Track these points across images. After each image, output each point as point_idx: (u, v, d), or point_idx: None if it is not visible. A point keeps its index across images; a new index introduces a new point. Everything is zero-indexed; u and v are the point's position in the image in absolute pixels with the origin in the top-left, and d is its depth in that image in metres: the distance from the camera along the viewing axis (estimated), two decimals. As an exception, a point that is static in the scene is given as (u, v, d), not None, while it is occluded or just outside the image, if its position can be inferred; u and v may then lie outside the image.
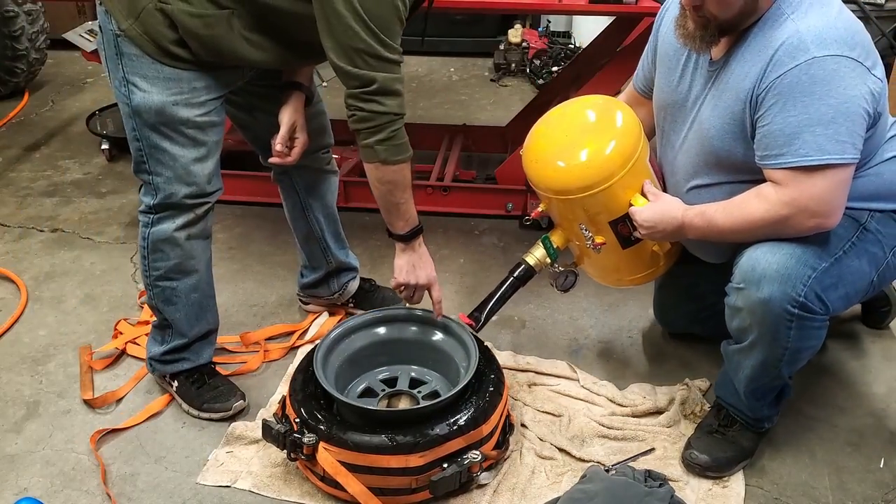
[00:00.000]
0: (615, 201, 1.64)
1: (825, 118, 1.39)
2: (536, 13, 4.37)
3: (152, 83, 1.59)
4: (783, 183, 1.45)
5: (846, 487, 1.70)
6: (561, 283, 1.82)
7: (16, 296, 2.33)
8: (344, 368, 1.79)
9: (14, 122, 3.52)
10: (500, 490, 1.66)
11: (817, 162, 1.40)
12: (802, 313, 1.50)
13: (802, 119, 1.40)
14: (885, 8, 3.66)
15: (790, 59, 1.41)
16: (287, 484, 1.68)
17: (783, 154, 1.43)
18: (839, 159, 1.41)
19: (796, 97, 1.40)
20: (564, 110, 1.75)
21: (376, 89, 1.53)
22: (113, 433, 1.83)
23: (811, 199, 1.43)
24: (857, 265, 1.57)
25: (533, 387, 1.96)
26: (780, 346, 1.56)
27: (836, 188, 1.44)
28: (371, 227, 2.68)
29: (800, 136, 1.41)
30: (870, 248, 1.59)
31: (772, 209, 1.47)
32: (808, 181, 1.42)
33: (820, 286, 1.51)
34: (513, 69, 4.07)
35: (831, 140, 1.40)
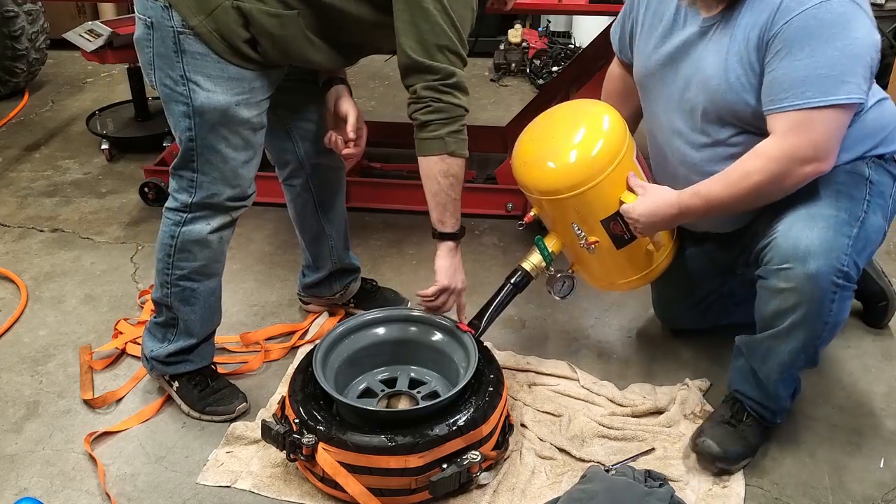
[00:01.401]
0: (605, 199, 1.65)
1: (832, 60, 1.39)
2: (536, 13, 4.37)
3: (216, 82, 1.58)
4: (783, 131, 1.45)
5: (846, 487, 1.70)
6: (558, 289, 1.82)
7: (16, 296, 2.33)
8: (343, 369, 1.79)
9: (14, 122, 3.52)
10: (500, 490, 1.66)
11: (822, 103, 1.41)
12: (846, 283, 1.52)
13: (809, 63, 1.40)
14: (885, 8, 3.66)
15: (798, 4, 1.41)
16: (287, 484, 1.68)
17: (787, 97, 1.43)
18: (844, 99, 1.41)
19: (804, 41, 1.41)
20: (551, 115, 1.77)
21: (455, 83, 1.59)
22: (113, 433, 1.83)
23: (810, 144, 1.44)
24: (875, 222, 1.58)
25: (533, 387, 1.96)
26: (822, 322, 1.56)
27: (835, 130, 1.44)
28: (371, 228, 2.69)
29: (805, 79, 1.41)
30: (879, 200, 1.60)
31: (770, 165, 1.46)
32: (809, 125, 1.43)
33: (856, 252, 1.53)
34: (513, 69, 4.07)
35: (836, 81, 1.40)
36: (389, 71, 4.12)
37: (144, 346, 1.89)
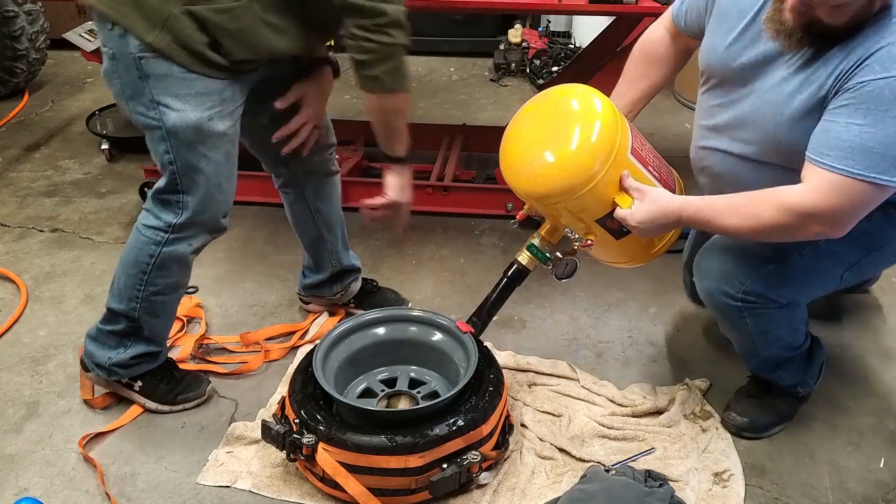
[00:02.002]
0: (599, 200, 1.56)
1: (890, 139, 1.32)
2: (536, 13, 4.36)
3: (185, 100, 1.56)
4: (813, 186, 1.37)
5: (846, 487, 1.70)
6: (561, 272, 1.74)
7: (16, 296, 2.33)
8: (343, 369, 1.79)
9: (14, 122, 3.52)
10: (500, 490, 1.66)
11: (861, 177, 1.33)
12: (746, 305, 1.55)
13: (867, 132, 1.32)
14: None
15: (882, 68, 1.32)
16: (287, 484, 1.68)
17: (831, 156, 1.35)
18: (886, 182, 1.33)
19: (870, 108, 1.32)
20: (535, 111, 1.64)
21: (388, 22, 1.53)
22: (112, 433, 1.83)
23: (833, 210, 1.37)
24: (815, 266, 1.57)
25: (533, 387, 1.96)
26: (744, 332, 1.62)
27: (863, 207, 1.38)
28: (371, 228, 2.68)
29: (855, 147, 1.33)
30: (838, 248, 1.54)
31: (785, 218, 1.40)
32: (839, 192, 1.35)
33: (764, 285, 1.54)
34: (513, 69, 4.07)
35: (885, 162, 1.32)
36: (389, 71, 4.12)
37: (95, 356, 1.83)
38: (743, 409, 1.82)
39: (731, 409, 1.83)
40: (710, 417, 1.87)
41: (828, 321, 2.21)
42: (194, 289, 2.35)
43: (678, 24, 1.73)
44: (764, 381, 1.83)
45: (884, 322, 2.23)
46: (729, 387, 1.93)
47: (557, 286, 2.34)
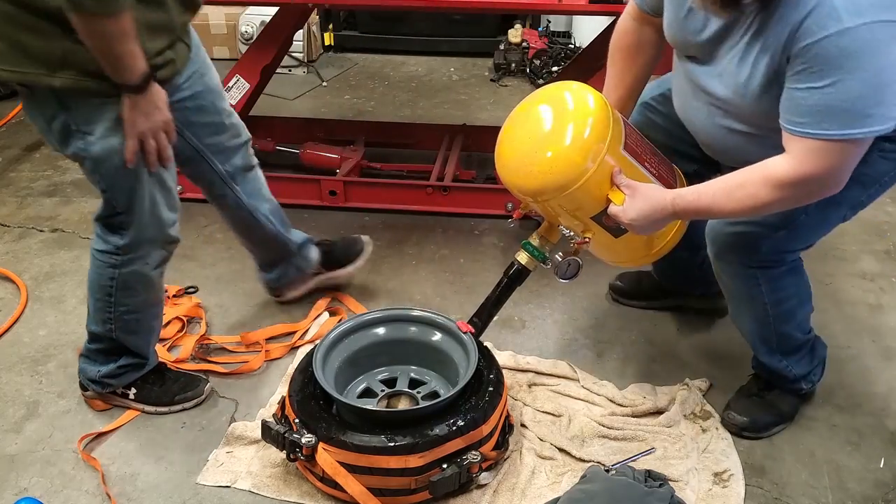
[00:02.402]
0: (593, 197, 1.55)
1: (854, 93, 1.30)
2: (536, 13, 4.36)
3: (104, 126, 1.54)
4: (799, 156, 1.37)
5: (846, 487, 1.70)
6: (563, 272, 1.71)
7: (16, 296, 2.33)
8: (343, 369, 1.79)
9: (14, 122, 3.52)
10: (500, 490, 1.66)
11: (840, 137, 1.32)
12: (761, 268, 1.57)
13: (829, 93, 1.30)
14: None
15: (819, 28, 1.29)
16: (287, 484, 1.67)
17: (805, 123, 1.34)
18: (866, 133, 1.33)
19: (822, 69, 1.31)
20: (529, 109, 1.64)
21: None
22: (112, 433, 1.83)
23: (826, 173, 1.37)
24: (820, 216, 1.57)
25: (533, 387, 1.96)
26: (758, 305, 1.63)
27: (853, 160, 1.37)
28: (371, 228, 2.68)
29: (825, 110, 1.32)
30: (842, 192, 1.51)
31: (783, 193, 1.39)
32: (827, 156, 1.35)
33: (778, 247, 1.56)
34: (513, 69, 4.07)
35: (859, 116, 1.31)
36: (389, 71, 4.13)
37: (87, 372, 1.85)
38: (743, 409, 1.82)
39: (731, 409, 1.84)
40: (710, 417, 1.87)
41: (827, 321, 2.21)
42: (194, 289, 2.35)
43: (640, 6, 1.72)
44: (766, 380, 1.84)
45: (884, 322, 2.23)
46: (729, 387, 1.93)
47: (557, 286, 2.34)
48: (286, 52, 3.23)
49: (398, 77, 4.04)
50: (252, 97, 2.79)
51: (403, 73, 4.09)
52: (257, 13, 3.96)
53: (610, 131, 1.52)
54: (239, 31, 4.06)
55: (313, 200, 2.77)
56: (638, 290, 2.27)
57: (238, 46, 4.08)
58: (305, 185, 2.77)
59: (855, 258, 2.51)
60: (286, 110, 3.62)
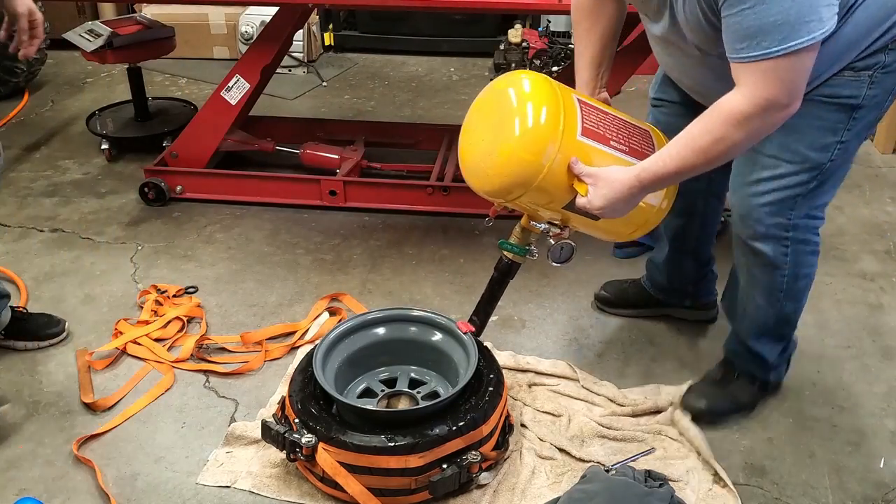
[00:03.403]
0: (559, 188, 1.48)
1: (784, 4, 1.26)
2: (536, 13, 4.36)
3: None
4: (749, 83, 1.34)
5: (846, 487, 1.70)
6: (556, 256, 1.66)
7: (16, 296, 2.33)
8: (343, 369, 1.79)
9: (14, 122, 3.52)
10: (500, 490, 1.66)
11: (782, 51, 1.28)
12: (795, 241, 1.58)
13: (759, 11, 1.27)
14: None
15: None
16: (286, 484, 1.67)
17: (745, 48, 1.31)
18: (807, 41, 1.28)
19: None
20: (480, 107, 1.58)
21: None
22: (112, 433, 1.83)
23: (779, 92, 1.32)
24: (849, 151, 1.57)
25: (533, 387, 1.96)
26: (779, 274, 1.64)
27: (802, 72, 1.33)
28: (371, 228, 2.68)
29: (760, 29, 1.28)
30: (869, 116, 1.53)
31: (744, 126, 1.35)
32: (773, 74, 1.31)
33: (811, 200, 1.57)
34: (513, 69, 4.06)
35: (794, 26, 1.27)
36: (389, 71, 4.12)
37: None
38: (704, 394, 1.85)
39: (692, 392, 1.86)
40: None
41: (827, 321, 2.21)
42: (194, 289, 2.36)
43: None
44: (735, 367, 1.87)
45: (884, 322, 2.23)
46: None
47: (558, 286, 2.34)
48: (286, 52, 3.23)
49: (398, 77, 4.04)
50: (252, 97, 2.79)
51: (403, 73, 4.09)
52: (257, 13, 3.96)
53: (561, 120, 1.44)
54: (239, 31, 4.06)
55: (313, 200, 2.77)
56: (624, 299, 2.25)
57: (238, 46, 4.08)
58: (305, 185, 2.77)
59: (855, 258, 2.51)
60: (286, 110, 3.62)
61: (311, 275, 2.43)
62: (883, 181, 2.97)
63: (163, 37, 3.12)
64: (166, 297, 2.28)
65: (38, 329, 2.11)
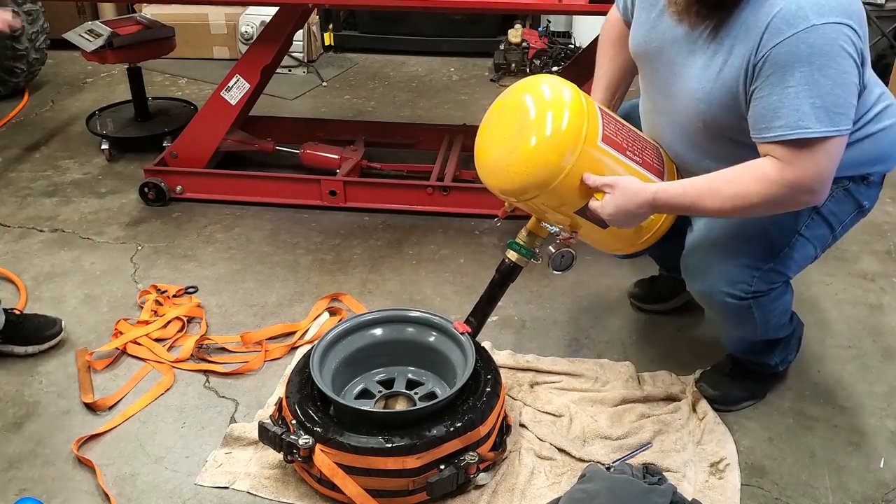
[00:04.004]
0: (574, 192, 1.51)
1: (824, 89, 1.33)
2: (536, 13, 4.36)
3: None
4: (784, 159, 1.38)
5: (846, 487, 1.70)
6: (557, 264, 1.69)
7: (16, 296, 2.33)
8: (341, 370, 1.79)
9: (14, 122, 3.52)
10: (499, 491, 1.66)
11: (821, 134, 1.34)
12: (755, 299, 1.60)
13: (801, 90, 1.33)
14: (885, 8, 3.66)
15: (788, 26, 1.33)
16: (284, 485, 1.67)
17: (782, 126, 1.36)
18: (838, 131, 1.35)
19: (794, 66, 1.33)
20: (502, 107, 1.61)
21: None
22: (112, 433, 1.83)
23: (813, 176, 1.38)
24: (801, 253, 1.61)
25: (535, 386, 1.96)
26: (749, 326, 1.67)
27: (833, 162, 1.38)
28: (371, 228, 2.68)
29: (799, 107, 1.34)
30: (817, 231, 1.59)
31: (772, 190, 1.39)
32: (809, 156, 1.36)
33: (765, 281, 1.59)
34: (513, 69, 4.06)
35: (830, 112, 1.34)
36: (389, 71, 4.12)
37: None
38: (715, 383, 1.88)
39: (703, 381, 1.89)
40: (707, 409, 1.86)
41: (827, 321, 2.21)
42: (194, 289, 2.36)
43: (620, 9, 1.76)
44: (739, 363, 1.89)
45: (884, 322, 2.23)
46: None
47: (558, 286, 2.34)
48: (286, 52, 3.23)
49: (398, 77, 4.04)
50: (252, 97, 2.79)
51: (403, 73, 4.09)
52: (257, 13, 3.96)
53: (585, 124, 1.47)
54: (239, 31, 4.07)
55: (313, 200, 2.77)
56: (656, 293, 2.24)
57: (238, 46, 4.08)
58: (305, 185, 2.77)
59: (855, 258, 2.51)
60: (286, 110, 3.62)
61: (311, 275, 2.43)
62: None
63: (163, 37, 3.13)
64: (166, 297, 2.29)
65: (36, 331, 2.08)
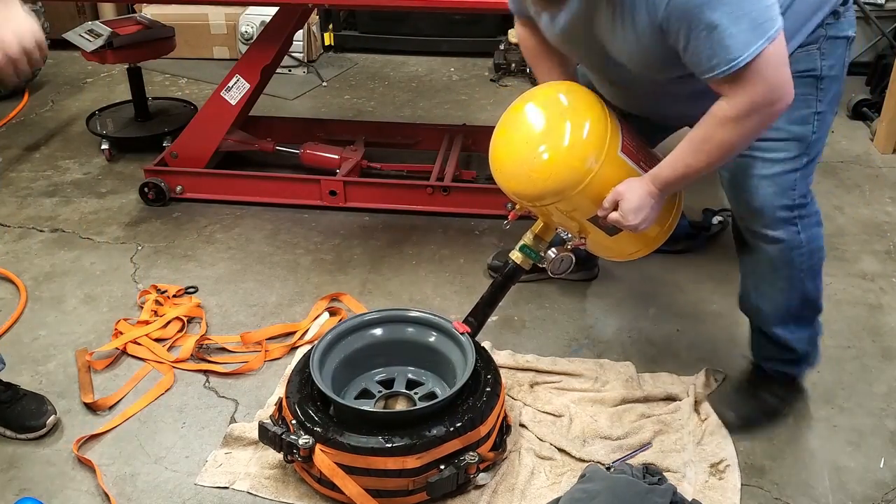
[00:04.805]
0: (591, 200, 1.53)
1: (735, 12, 1.32)
2: (537, 12, 4.36)
3: None
4: (734, 91, 1.38)
5: (846, 487, 1.70)
6: (556, 268, 1.72)
7: (15, 296, 2.33)
8: (340, 370, 1.79)
9: (14, 122, 3.52)
10: (499, 491, 1.66)
11: (752, 56, 1.33)
12: (801, 216, 1.61)
13: (715, 27, 1.32)
14: (885, 8, 3.65)
15: None
16: (284, 485, 1.67)
17: (717, 65, 1.35)
18: (769, 38, 1.33)
19: (697, 10, 1.32)
20: (523, 110, 1.62)
21: None
22: (111, 432, 1.83)
23: (768, 90, 1.38)
24: (824, 127, 1.61)
25: (535, 386, 1.96)
26: (797, 253, 1.65)
27: (781, 65, 1.38)
28: (371, 228, 2.68)
29: (721, 42, 1.33)
30: (829, 94, 1.58)
31: (741, 126, 1.41)
32: (756, 76, 1.36)
33: (805, 176, 1.60)
34: (513, 69, 4.06)
35: (753, 25, 1.32)
36: (389, 71, 4.12)
37: None
38: (732, 404, 1.84)
39: (720, 402, 1.85)
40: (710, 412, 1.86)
41: (827, 321, 2.21)
42: (194, 289, 2.36)
43: (522, 17, 1.75)
44: (760, 372, 1.85)
45: (884, 322, 2.23)
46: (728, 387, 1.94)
47: (558, 286, 2.34)
48: (286, 52, 3.23)
49: (398, 77, 4.04)
50: (252, 97, 2.79)
51: (403, 73, 4.08)
52: (257, 13, 3.96)
53: (608, 133, 1.49)
54: (239, 31, 4.06)
55: (313, 200, 2.77)
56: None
57: (238, 46, 4.08)
58: (305, 185, 2.77)
59: (855, 258, 2.51)
60: (286, 110, 3.62)
61: (311, 275, 2.43)
62: (883, 181, 2.97)
63: (163, 37, 3.13)
64: (166, 297, 2.29)
65: (18, 418, 1.83)
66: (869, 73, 3.67)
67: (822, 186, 2.84)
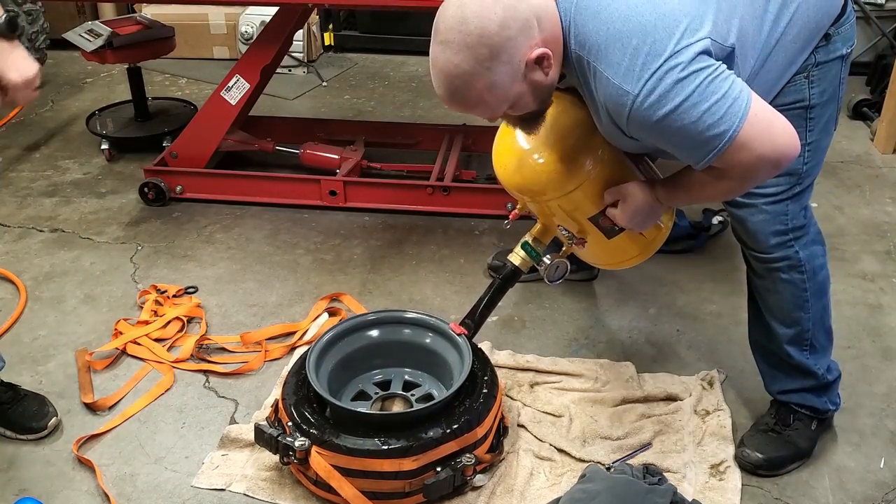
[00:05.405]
0: (592, 198, 1.54)
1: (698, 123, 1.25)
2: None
3: None
4: (724, 171, 1.33)
5: (846, 487, 1.70)
6: (552, 274, 1.72)
7: (15, 296, 2.34)
8: (337, 371, 1.79)
9: (14, 122, 3.52)
10: (497, 492, 1.65)
11: (728, 139, 1.26)
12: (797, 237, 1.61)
13: (682, 135, 1.28)
14: (885, 8, 3.65)
15: (621, 108, 1.28)
16: (281, 488, 1.67)
17: (703, 153, 1.30)
18: (740, 121, 1.25)
19: (659, 126, 1.27)
20: None
21: None
22: (111, 432, 1.84)
23: (766, 150, 1.29)
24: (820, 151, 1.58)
25: (535, 386, 1.96)
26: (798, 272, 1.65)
27: (763, 134, 1.28)
28: (371, 228, 2.68)
29: (694, 143, 1.28)
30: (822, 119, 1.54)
31: (737, 185, 1.39)
32: (743, 150, 1.27)
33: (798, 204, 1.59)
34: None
35: (715, 116, 1.24)
36: (389, 71, 4.12)
37: None
38: (758, 446, 1.73)
39: (745, 446, 1.74)
40: (712, 412, 1.86)
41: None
42: (194, 289, 2.36)
43: None
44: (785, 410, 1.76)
45: (884, 322, 2.22)
46: (729, 387, 1.94)
47: (558, 286, 2.33)
48: (286, 52, 3.23)
49: (398, 77, 4.03)
50: (252, 97, 2.79)
51: (403, 73, 4.08)
52: (257, 13, 3.96)
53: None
54: (239, 31, 4.06)
55: (313, 200, 2.77)
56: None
57: (238, 46, 4.08)
58: (305, 185, 2.77)
59: (855, 258, 2.50)
60: (286, 110, 3.62)
61: (311, 275, 2.43)
62: (883, 181, 2.96)
63: (163, 37, 3.13)
64: (166, 297, 2.29)
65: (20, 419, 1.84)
66: (869, 73, 3.67)
67: (822, 186, 2.84)
